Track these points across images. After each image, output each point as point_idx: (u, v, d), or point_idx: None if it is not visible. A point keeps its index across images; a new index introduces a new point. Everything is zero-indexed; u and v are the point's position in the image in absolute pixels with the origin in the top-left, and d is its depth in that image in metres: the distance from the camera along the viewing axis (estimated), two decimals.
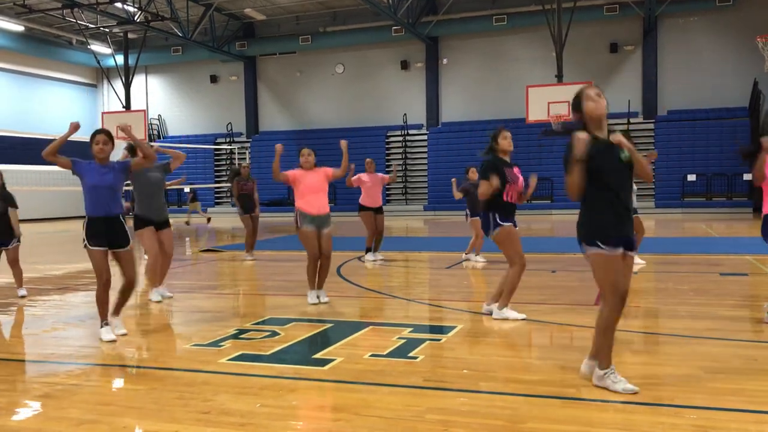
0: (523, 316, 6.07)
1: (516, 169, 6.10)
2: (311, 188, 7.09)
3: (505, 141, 6.07)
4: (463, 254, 10.68)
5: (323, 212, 7.10)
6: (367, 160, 11.23)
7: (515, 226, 6.11)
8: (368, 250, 10.99)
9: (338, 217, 11.80)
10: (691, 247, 12.04)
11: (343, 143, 7.48)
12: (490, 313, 6.21)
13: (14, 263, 7.83)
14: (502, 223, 5.99)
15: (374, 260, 10.80)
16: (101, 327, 5.58)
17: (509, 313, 6.09)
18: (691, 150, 24.83)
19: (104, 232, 5.47)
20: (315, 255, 7.09)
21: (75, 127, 5.48)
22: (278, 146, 7.22)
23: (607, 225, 3.95)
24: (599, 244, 3.92)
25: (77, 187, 5.80)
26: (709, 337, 5.32)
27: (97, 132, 5.62)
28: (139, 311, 7.03)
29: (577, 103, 4.13)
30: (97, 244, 5.45)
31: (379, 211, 10.93)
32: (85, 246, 5.47)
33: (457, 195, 10.30)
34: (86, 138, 5.73)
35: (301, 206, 7.07)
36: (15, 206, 7.74)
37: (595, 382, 4.01)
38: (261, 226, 20.30)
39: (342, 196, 27.37)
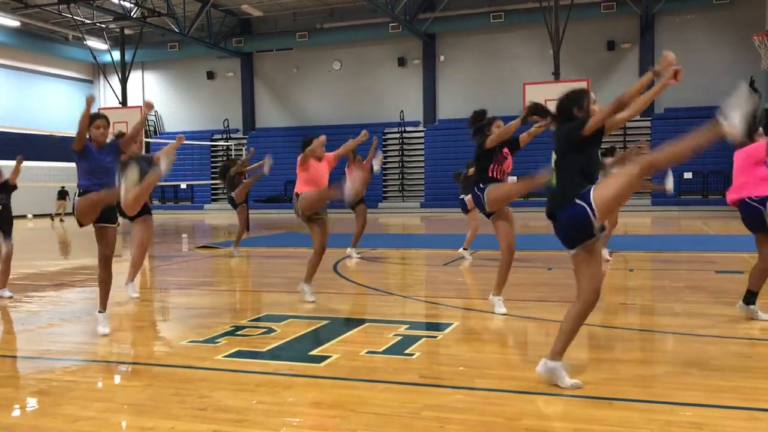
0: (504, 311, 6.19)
1: (505, 150, 6.21)
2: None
3: (498, 129, 6.16)
4: (461, 249, 10.64)
5: None
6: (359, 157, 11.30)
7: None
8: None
9: (332, 214, 11.81)
10: (687, 245, 12.06)
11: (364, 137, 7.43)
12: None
13: (4, 261, 7.58)
14: (485, 186, 6.07)
15: (350, 256, 10.85)
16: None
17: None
18: None
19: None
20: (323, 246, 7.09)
21: (90, 100, 5.43)
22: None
23: None
24: None
25: (73, 183, 5.78)
26: (704, 334, 5.34)
27: (97, 116, 5.60)
28: (135, 307, 7.02)
29: (581, 100, 4.14)
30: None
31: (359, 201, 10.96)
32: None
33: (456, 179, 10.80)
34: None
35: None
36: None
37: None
38: (258, 222, 20.34)
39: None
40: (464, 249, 10.58)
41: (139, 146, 7.50)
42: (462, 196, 10.50)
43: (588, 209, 3.83)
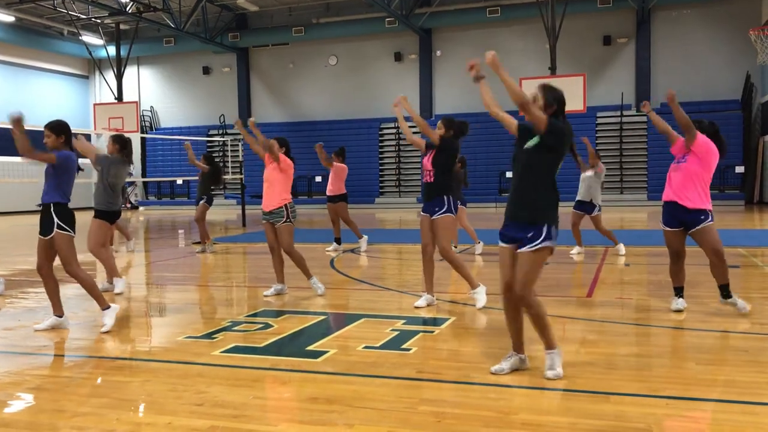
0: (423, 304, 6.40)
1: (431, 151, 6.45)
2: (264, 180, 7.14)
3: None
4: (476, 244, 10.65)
5: (266, 209, 7.09)
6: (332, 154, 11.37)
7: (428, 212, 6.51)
8: (337, 241, 11.31)
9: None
10: None
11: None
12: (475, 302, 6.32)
13: None
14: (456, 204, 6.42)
15: (335, 251, 11.13)
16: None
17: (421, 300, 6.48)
18: None
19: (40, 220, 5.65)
20: (269, 247, 7.26)
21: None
22: None
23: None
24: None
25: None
26: (700, 328, 5.36)
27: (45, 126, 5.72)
28: (131, 304, 7.02)
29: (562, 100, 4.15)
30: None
31: (330, 200, 11.19)
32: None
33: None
34: (79, 130, 5.69)
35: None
36: None
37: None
38: (255, 218, 20.31)
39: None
40: (477, 242, 10.62)
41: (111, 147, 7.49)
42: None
43: None
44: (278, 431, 3.41)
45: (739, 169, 23.99)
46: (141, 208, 31.02)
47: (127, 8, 25.26)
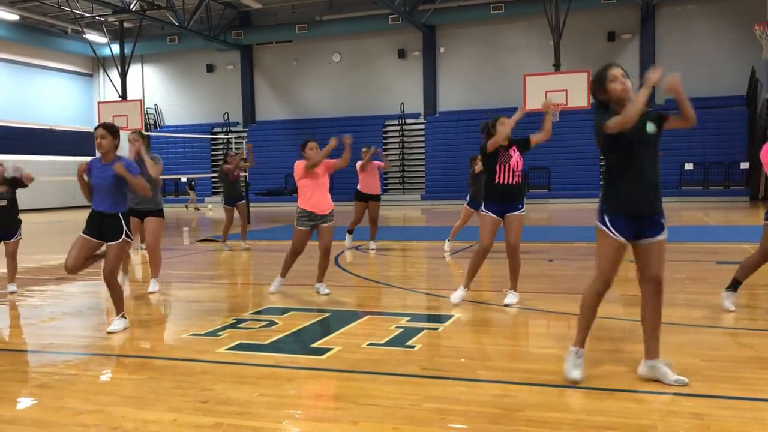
0: (456, 302, 6.25)
1: (512, 149, 6.21)
2: (322, 185, 7.05)
3: (502, 127, 6.13)
4: (447, 241, 10.73)
5: (330, 209, 7.09)
6: (364, 148, 11.20)
7: (514, 210, 6.22)
8: (349, 233, 11.29)
9: (335, 207, 11.79)
10: (688, 236, 12.04)
11: (347, 139, 7.22)
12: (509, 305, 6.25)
13: (12, 257, 7.66)
14: (483, 210, 6.25)
15: (352, 245, 11.20)
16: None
17: (455, 294, 6.33)
18: (688, 138, 24.79)
19: (96, 225, 5.51)
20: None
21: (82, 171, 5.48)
22: (333, 140, 6.98)
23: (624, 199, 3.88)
24: (606, 221, 3.90)
25: (72, 177, 5.79)
26: (705, 325, 5.34)
27: (97, 126, 5.59)
28: (136, 301, 7.03)
29: (599, 84, 3.90)
30: (85, 231, 5.52)
31: (373, 198, 11.03)
32: None
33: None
34: (83, 128, 5.67)
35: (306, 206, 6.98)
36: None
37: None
38: (259, 216, 20.34)
39: (338, 186, 27.33)
40: (449, 240, 10.68)
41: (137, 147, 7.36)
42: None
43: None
44: (283, 428, 3.42)
45: (744, 165, 23.92)
46: None
47: (131, 6, 25.28)
